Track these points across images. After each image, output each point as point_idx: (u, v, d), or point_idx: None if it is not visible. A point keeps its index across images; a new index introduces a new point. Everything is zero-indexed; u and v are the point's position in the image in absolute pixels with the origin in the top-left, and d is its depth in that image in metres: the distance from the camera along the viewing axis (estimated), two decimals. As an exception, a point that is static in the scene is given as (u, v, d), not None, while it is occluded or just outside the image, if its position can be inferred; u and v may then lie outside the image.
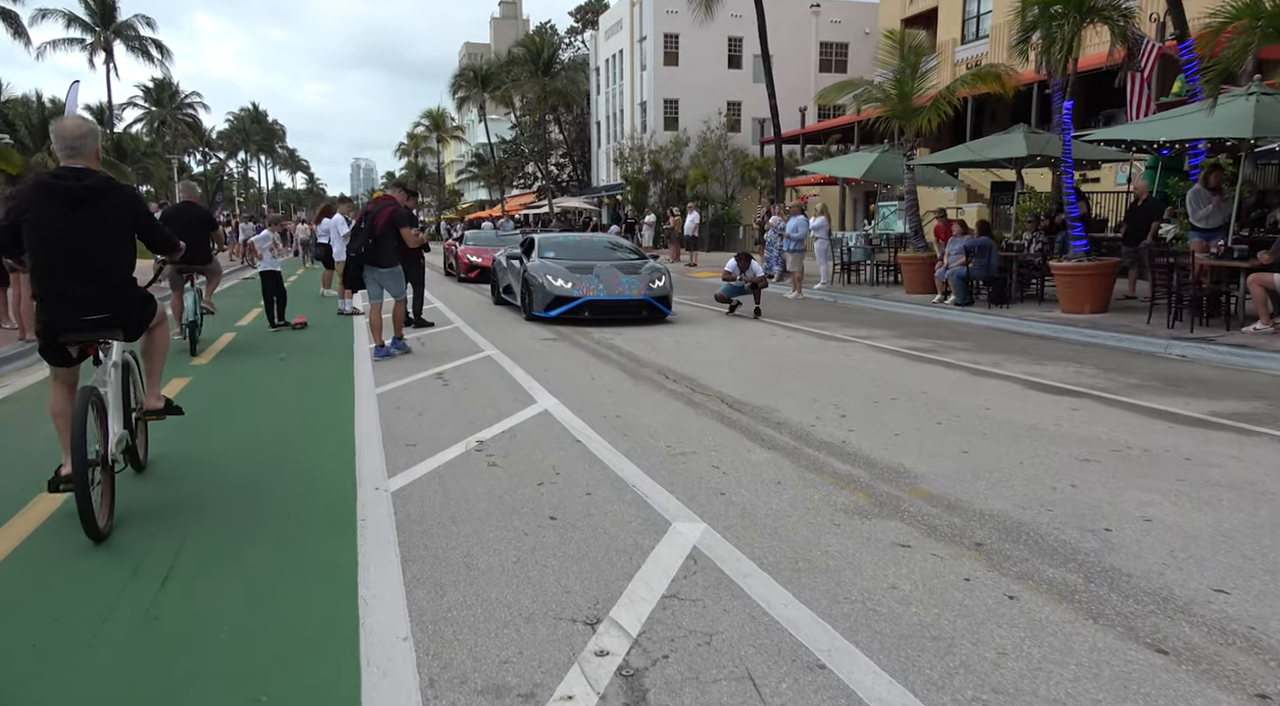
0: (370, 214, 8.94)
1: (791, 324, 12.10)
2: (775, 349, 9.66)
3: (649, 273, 12.08)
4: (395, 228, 8.98)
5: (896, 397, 6.84)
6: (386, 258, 8.92)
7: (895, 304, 14.61)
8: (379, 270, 8.95)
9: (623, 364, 8.51)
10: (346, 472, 4.81)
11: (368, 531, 3.87)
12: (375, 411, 6.41)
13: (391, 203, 9.21)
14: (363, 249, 8.85)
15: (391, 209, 9.04)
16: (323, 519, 4.07)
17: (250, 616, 3.05)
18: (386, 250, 8.91)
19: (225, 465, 5.04)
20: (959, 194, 28.28)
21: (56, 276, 3.88)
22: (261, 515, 4.15)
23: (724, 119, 44.14)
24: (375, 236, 8.79)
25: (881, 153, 17.32)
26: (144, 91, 74.13)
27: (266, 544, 3.76)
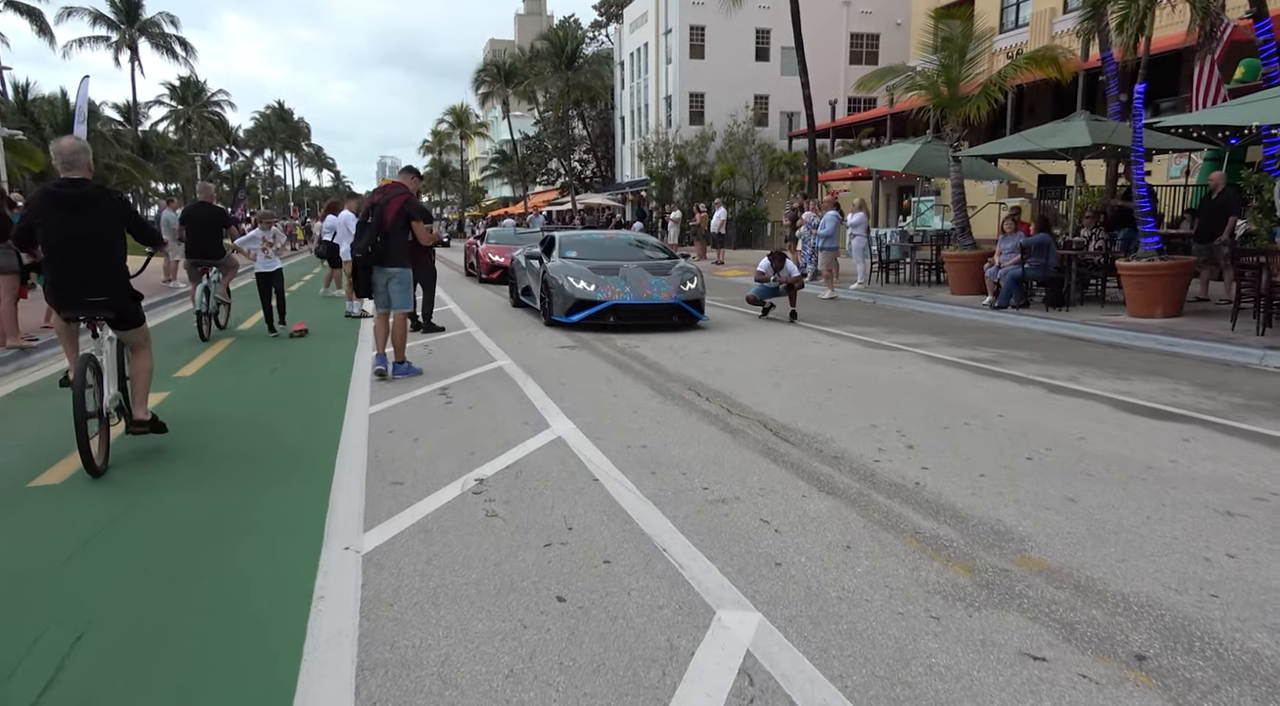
0: (378, 206, 7.74)
1: (832, 329, 11.12)
2: (818, 358, 8.70)
3: (680, 274, 11.15)
4: (407, 221, 7.75)
5: (969, 422, 5.87)
6: (395, 256, 7.69)
7: (941, 306, 13.56)
8: (386, 271, 7.73)
9: (648, 377, 7.60)
10: (315, 522, 3.94)
11: (322, 620, 2.99)
12: (365, 436, 5.55)
13: (403, 192, 7.89)
14: (370, 247, 7.65)
15: (403, 199, 7.76)
16: (268, 599, 3.20)
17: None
18: (396, 248, 7.71)
19: (171, 514, 4.19)
20: (1000, 189, 27.07)
21: (65, 266, 4.86)
22: (192, 599, 3.27)
23: (751, 113, 43.05)
24: (385, 232, 7.63)
25: (924, 144, 16.25)
26: (170, 89, 74.33)
27: (185, 643, 2.89)
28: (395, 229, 7.70)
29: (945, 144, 15.73)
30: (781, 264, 12.05)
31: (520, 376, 7.63)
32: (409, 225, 7.82)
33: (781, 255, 12.15)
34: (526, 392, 6.91)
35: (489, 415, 6.13)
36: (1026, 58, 14.19)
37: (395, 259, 7.75)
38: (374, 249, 7.66)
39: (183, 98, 74.60)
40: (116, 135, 54.35)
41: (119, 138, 54.50)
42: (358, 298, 7.65)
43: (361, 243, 7.77)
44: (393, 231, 7.69)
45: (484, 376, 7.72)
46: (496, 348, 9.42)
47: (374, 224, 7.70)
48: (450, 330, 10.96)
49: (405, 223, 7.76)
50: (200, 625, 2.98)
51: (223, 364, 8.63)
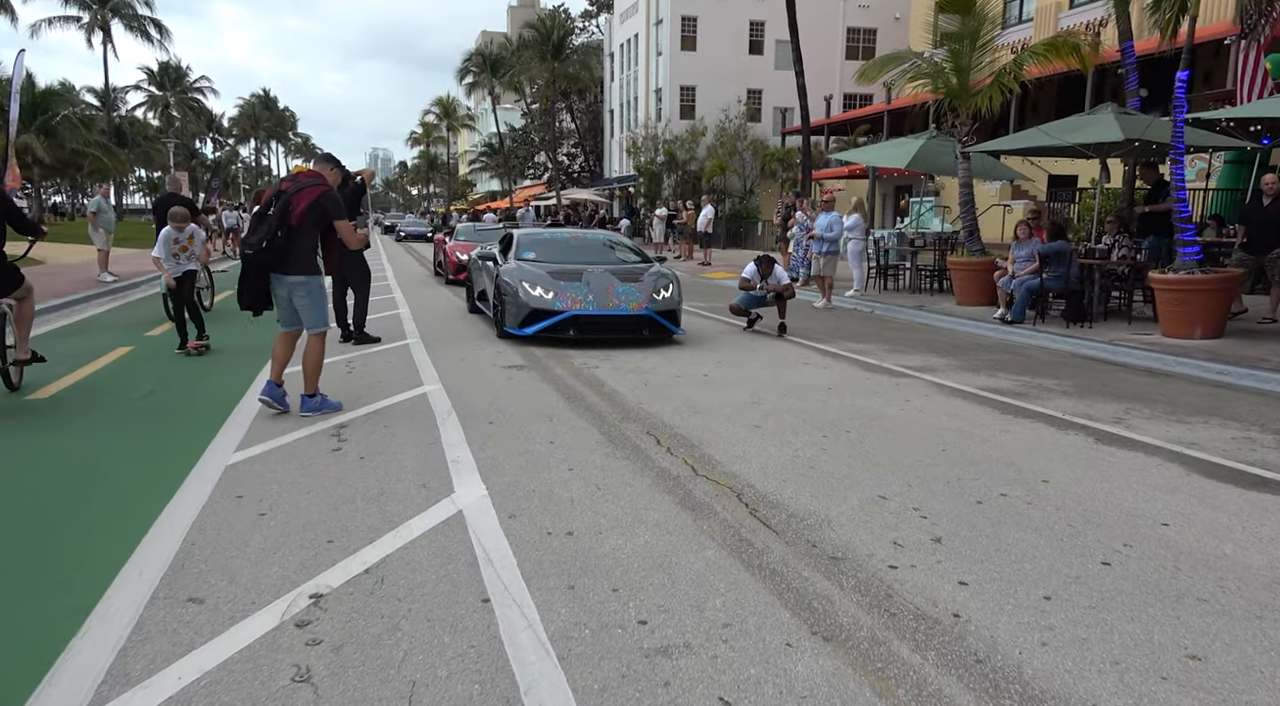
0: (285, 195, 6.06)
1: (826, 345, 9.70)
2: (810, 387, 7.29)
3: (653, 280, 9.72)
4: (322, 219, 6.16)
5: (1007, 492, 4.47)
6: (299, 261, 6.03)
7: (946, 319, 12.18)
8: (286, 280, 6.08)
9: (601, 414, 6.17)
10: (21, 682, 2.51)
11: None
12: (198, 505, 4.10)
13: (320, 183, 6.23)
14: (264, 244, 5.90)
15: (319, 191, 6.14)
16: None
17: None
18: (302, 251, 6.05)
19: None
20: (1003, 190, 25.74)
21: None
22: None
23: (744, 108, 41.63)
24: (288, 228, 5.97)
25: (928, 139, 14.87)
26: (148, 74, 72.32)
27: None
28: (304, 227, 6.05)
29: (953, 139, 14.36)
30: (770, 270, 10.63)
31: (444, 410, 6.18)
32: (323, 225, 6.22)
33: (770, 260, 10.74)
34: (442, 435, 5.47)
35: (380, 472, 4.68)
36: (1044, 44, 12.81)
37: (299, 264, 6.07)
38: (270, 247, 6.03)
39: (161, 83, 72.58)
40: (86, 120, 52.50)
41: (87, 122, 52.62)
42: (242, 308, 5.93)
43: (255, 238, 6.01)
44: (300, 230, 6.02)
45: (400, 409, 6.27)
46: (430, 366, 7.97)
47: (275, 216, 6.07)
48: (388, 341, 9.50)
49: (318, 221, 6.15)
50: None
51: (92, 385, 7.14)
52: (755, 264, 10.73)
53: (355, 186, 9.18)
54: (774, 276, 10.65)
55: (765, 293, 10.63)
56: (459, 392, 6.80)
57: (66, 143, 47.43)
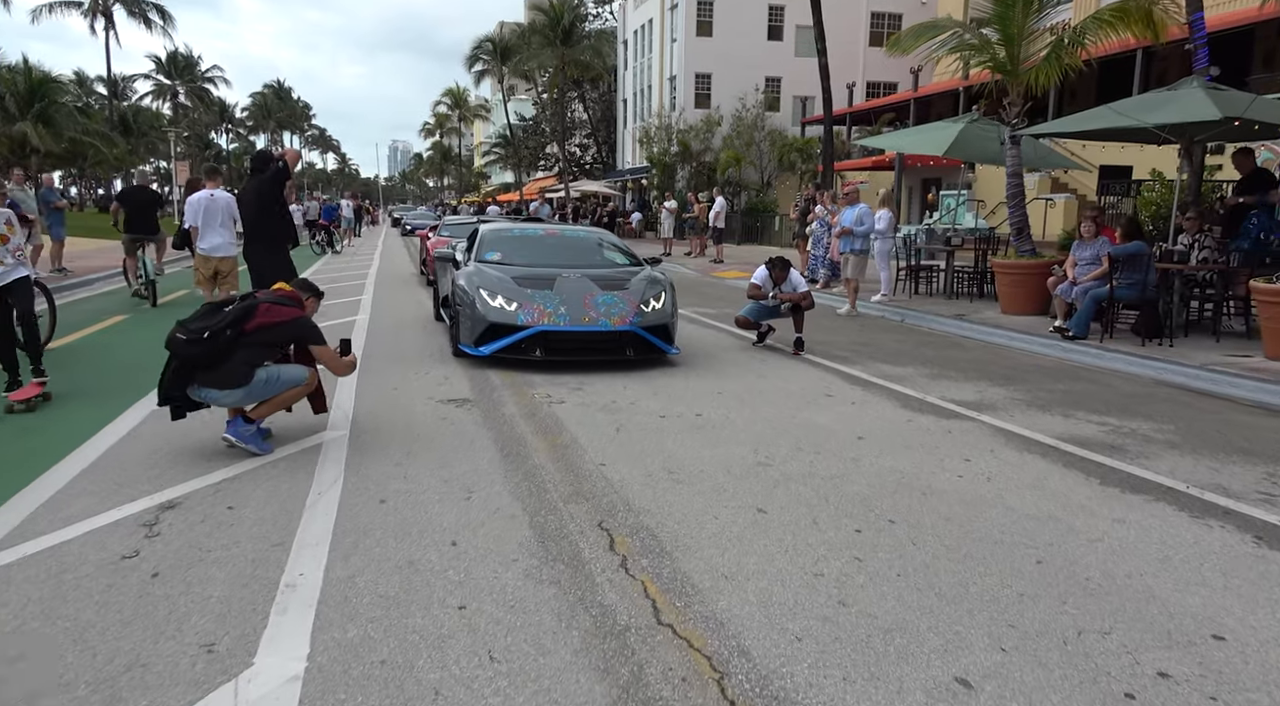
0: (251, 299, 4.87)
1: (852, 368, 7.93)
2: (835, 435, 5.54)
3: (641, 288, 7.99)
4: (283, 344, 5.01)
5: (1168, 668, 2.71)
6: (232, 375, 4.62)
7: (994, 332, 10.35)
8: (206, 393, 4.67)
9: (545, 483, 4.46)
10: None
11: None
12: None
13: (295, 306, 5.05)
14: (205, 334, 4.51)
15: (292, 318, 4.93)
16: None
17: None
18: (238, 363, 4.64)
19: None
20: (1041, 182, 23.76)
21: None
22: None
23: (761, 96, 39.71)
24: (240, 332, 4.62)
25: (969, 123, 13.01)
26: (155, 62, 71.10)
27: None
28: (256, 342, 4.75)
29: (996, 123, 12.51)
30: (784, 275, 8.86)
31: (329, 477, 4.48)
32: (279, 349, 5.04)
33: (784, 263, 8.96)
34: (301, 528, 3.76)
35: (161, 612, 2.99)
36: (1112, 10, 10.91)
37: (230, 377, 4.66)
38: (209, 341, 4.55)
39: (169, 72, 71.37)
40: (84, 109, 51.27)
41: (86, 111, 51.42)
42: (161, 402, 4.50)
43: (199, 324, 4.61)
44: (251, 341, 4.74)
45: (274, 470, 4.57)
46: (352, 399, 6.28)
47: (232, 314, 4.68)
48: (320, 360, 7.82)
49: (277, 344, 4.98)
50: None
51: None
52: (767, 268, 8.96)
53: (277, 171, 7.52)
54: (789, 283, 8.88)
55: (778, 303, 8.86)
56: (367, 443, 5.11)
57: (64, 131, 46.26)
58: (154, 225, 12.95)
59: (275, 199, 7.56)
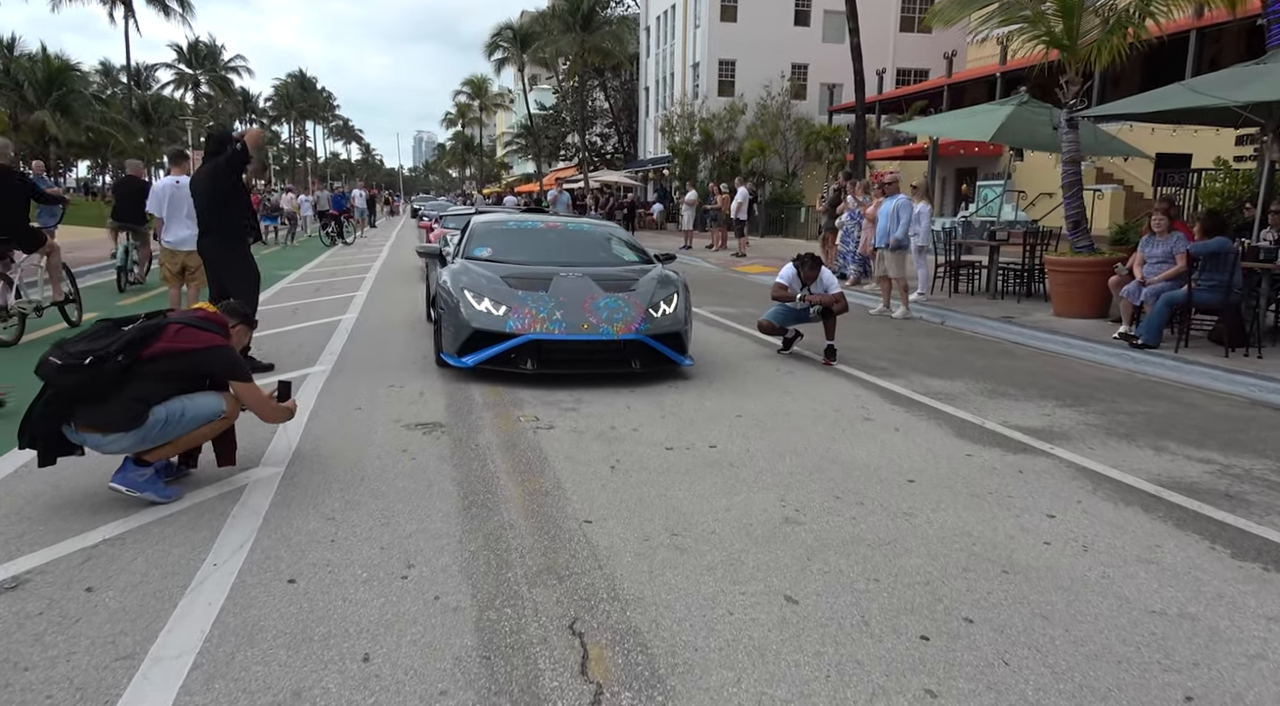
0: (159, 320, 3.90)
1: (892, 383, 6.86)
2: (879, 478, 4.49)
3: (650, 289, 6.96)
4: (198, 377, 4.04)
5: None
6: (119, 414, 3.67)
7: (1048, 337, 9.22)
8: (86, 437, 3.72)
9: (510, 550, 3.46)
10: None
11: None
12: None
13: (215, 332, 4.06)
14: (88, 360, 3.57)
15: (213, 346, 3.99)
16: None
17: None
18: (129, 398, 3.69)
19: None
20: (1085, 172, 22.35)
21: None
22: None
23: (787, 83, 38.38)
24: (135, 359, 3.71)
25: (1018, 106, 11.81)
26: (177, 52, 70.84)
27: None
28: (155, 372, 3.82)
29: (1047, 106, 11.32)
30: (815, 274, 7.79)
31: (236, 540, 3.52)
32: (193, 384, 4.04)
33: (815, 261, 7.89)
34: (161, 633, 2.78)
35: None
36: (1185, -25, 9.68)
37: (116, 417, 3.70)
38: (91, 367, 3.61)
39: (190, 61, 71.07)
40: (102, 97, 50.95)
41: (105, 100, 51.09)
42: (22, 445, 3.59)
43: (81, 346, 3.67)
44: (149, 371, 3.79)
45: (163, 531, 3.61)
46: (304, 422, 5.31)
47: (128, 337, 3.74)
48: (285, 368, 6.88)
49: (185, 378, 3.98)
50: None
51: None
52: (795, 266, 7.90)
53: (234, 153, 6.56)
54: (820, 283, 7.82)
55: (808, 306, 7.80)
56: (303, 486, 4.14)
57: (82, 120, 45.92)
58: (140, 215, 12.58)
59: (232, 185, 6.61)
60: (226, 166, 6.57)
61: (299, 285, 13.74)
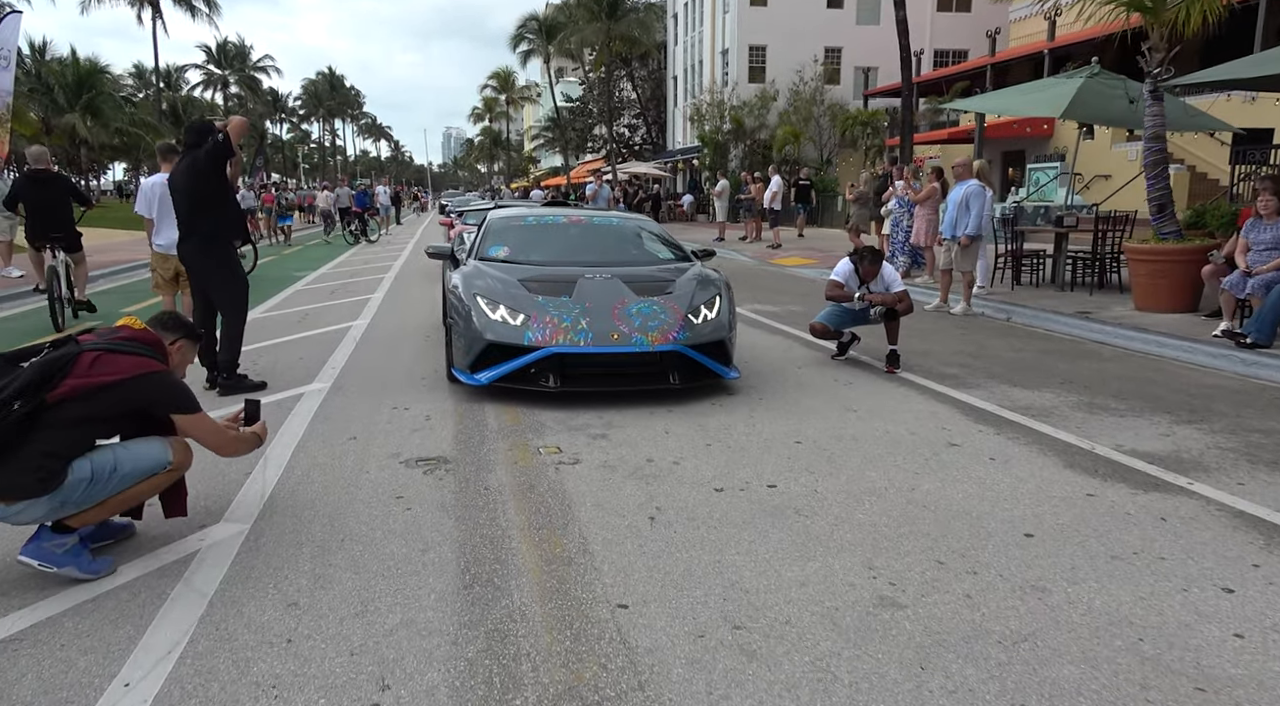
0: (69, 347, 3.06)
1: (971, 395, 5.91)
2: (984, 526, 3.58)
3: (689, 291, 6.07)
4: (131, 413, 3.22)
5: None
6: (19, 477, 2.87)
7: (1132, 334, 8.18)
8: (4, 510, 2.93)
9: (519, 657, 2.61)
10: None
11: None
12: None
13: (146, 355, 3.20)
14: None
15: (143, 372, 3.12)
16: None
17: None
18: (35, 455, 2.89)
19: None
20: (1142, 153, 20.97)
21: (38, 216, 9.04)
22: None
23: (820, 68, 37.13)
24: (40, 405, 2.93)
25: (1088, 78, 10.70)
26: (206, 52, 71.00)
27: None
28: (68, 416, 3.02)
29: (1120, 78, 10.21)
30: (875, 270, 6.84)
31: (165, 642, 2.69)
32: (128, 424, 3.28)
33: (875, 255, 6.93)
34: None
35: None
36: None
37: (17, 482, 2.92)
38: None
39: (219, 62, 71.21)
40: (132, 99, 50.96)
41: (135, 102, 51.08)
42: None
43: None
44: (61, 416, 3.00)
45: (78, 625, 2.80)
46: (286, 460, 4.51)
47: (27, 377, 2.94)
48: (280, 387, 6.11)
49: (116, 416, 3.20)
50: None
51: None
52: (852, 261, 6.95)
53: (215, 145, 5.77)
54: (881, 280, 6.87)
55: (867, 306, 6.86)
56: (268, 553, 3.33)
57: (112, 122, 45.92)
58: None
59: (213, 182, 5.83)
60: (206, 160, 5.78)
61: (314, 288, 13.04)
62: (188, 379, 3.55)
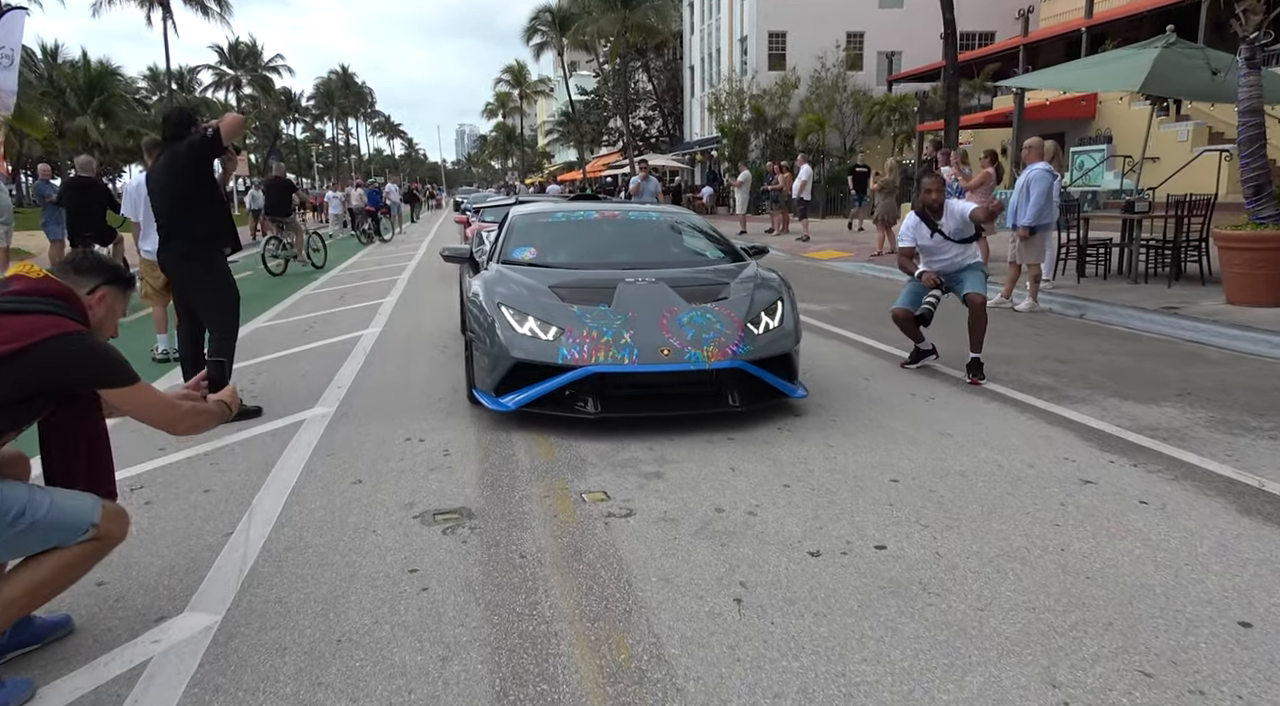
0: None
1: (1080, 413, 5.01)
2: (1182, 613, 2.71)
3: (746, 296, 5.21)
4: (48, 392, 2.37)
5: None
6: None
7: (1237, 333, 7.25)
8: None
9: None
10: None
11: None
12: None
13: (55, 311, 2.35)
14: None
15: (49, 334, 2.28)
16: None
17: None
18: None
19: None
20: (1195, 133, 19.88)
21: (76, 218, 9.54)
22: None
23: (843, 54, 36.02)
24: None
25: (1165, 47, 9.70)
26: (218, 53, 70.57)
27: None
28: None
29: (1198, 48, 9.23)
30: (939, 202, 6.03)
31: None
32: (45, 406, 2.41)
33: (934, 183, 6.11)
34: None
35: None
36: None
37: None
38: None
39: (231, 62, 70.80)
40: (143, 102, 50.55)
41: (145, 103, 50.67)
42: None
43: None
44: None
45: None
46: (278, 516, 3.70)
47: None
48: (277, 413, 5.31)
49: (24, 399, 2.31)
50: None
51: None
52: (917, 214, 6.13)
53: (198, 141, 4.97)
54: (951, 216, 6.01)
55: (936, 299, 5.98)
56: (238, 665, 2.51)
57: (124, 124, 45.56)
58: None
59: (195, 180, 5.02)
60: (189, 157, 4.99)
61: (323, 292, 12.28)
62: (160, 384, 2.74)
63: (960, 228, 5.98)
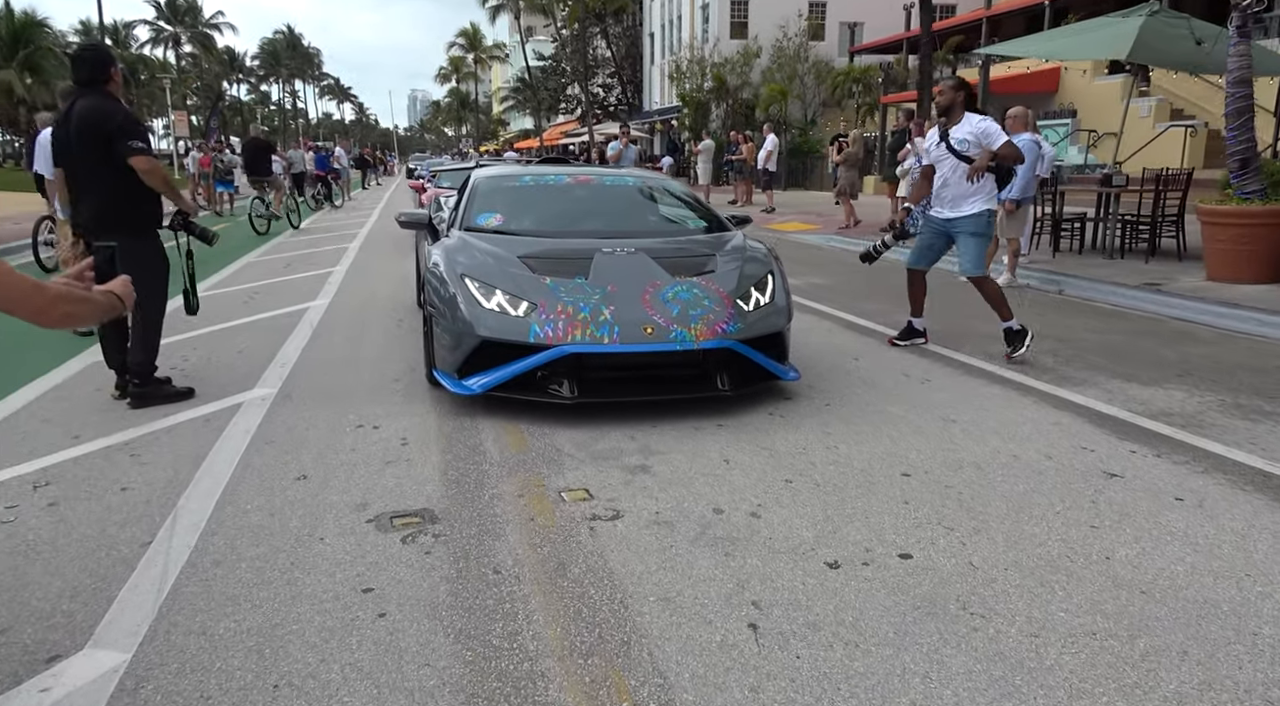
0: None
1: (1087, 397, 4.68)
2: (1260, 636, 2.38)
3: (734, 269, 4.77)
4: None
5: None
6: None
7: (1223, 311, 7.04)
8: None
9: None
10: None
11: None
12: None
13: None
14: None
15: None
16: None
17: None
18: None
19: None
20: (1157, 109, 19.86)
21: None
22: None
23: (805, 23, 35.51)
24: None
25: (1149, 15, 9.40)
26: (155, 8, 67.28)
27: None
28: None
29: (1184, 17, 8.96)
30: (958, 100, 5.66)
31: None
32: None
33: (961, 85, 5.79)
34: None
35: None
36: None
37: None
38: None
39: (169, 18, 67.58)
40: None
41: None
42: None
43: None
44: None
45: None
46: (205, 523, 3.19)
47: None
48: (215, 393, 4.75)
49: None
50: None
51: None
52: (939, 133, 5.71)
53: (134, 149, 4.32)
54: (965, 126, 5.58)
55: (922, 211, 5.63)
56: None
57: (53, 79, 43.08)
58: None
59: (116, 129, 4.38)
60: (102, 97, 4.34)
61: (268, 260, 11.54)
62: (93, 388, 2.20)
63: (969, 141, 5.50)
